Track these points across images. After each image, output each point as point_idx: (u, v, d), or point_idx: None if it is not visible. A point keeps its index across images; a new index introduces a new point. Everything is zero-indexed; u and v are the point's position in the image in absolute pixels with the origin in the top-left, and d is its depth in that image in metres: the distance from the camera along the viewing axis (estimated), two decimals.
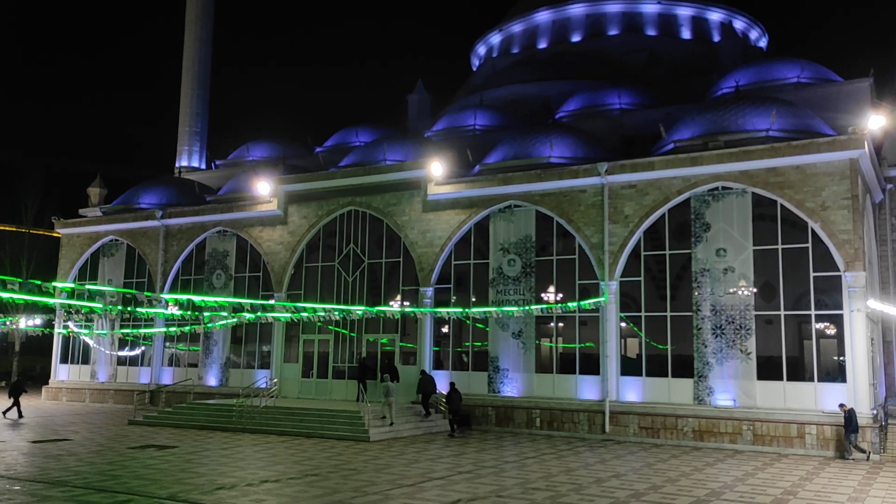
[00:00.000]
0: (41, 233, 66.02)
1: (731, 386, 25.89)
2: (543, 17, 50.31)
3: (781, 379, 25.28)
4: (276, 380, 34.28)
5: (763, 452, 24.32)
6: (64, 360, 42.65)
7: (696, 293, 26.86)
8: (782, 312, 25.68)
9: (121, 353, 40.37)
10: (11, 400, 32.41)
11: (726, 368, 26.02)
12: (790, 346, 25.53)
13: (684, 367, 26.84)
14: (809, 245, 25.51)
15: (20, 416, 31.94)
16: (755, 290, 26.15)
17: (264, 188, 36.12)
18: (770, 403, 25.19)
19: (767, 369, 25.62)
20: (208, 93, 55.09)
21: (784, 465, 21.70)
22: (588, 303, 27.80)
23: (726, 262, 26.52)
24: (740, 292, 26.23)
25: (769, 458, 23.03)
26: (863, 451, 22.90)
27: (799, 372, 25.37)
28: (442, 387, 30.35)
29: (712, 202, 27.05)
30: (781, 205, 25.90)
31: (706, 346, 26.40)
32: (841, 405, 23.40)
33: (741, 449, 24.82)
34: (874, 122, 26.96)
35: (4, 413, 32.07)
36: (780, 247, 25.97)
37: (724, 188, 26.94)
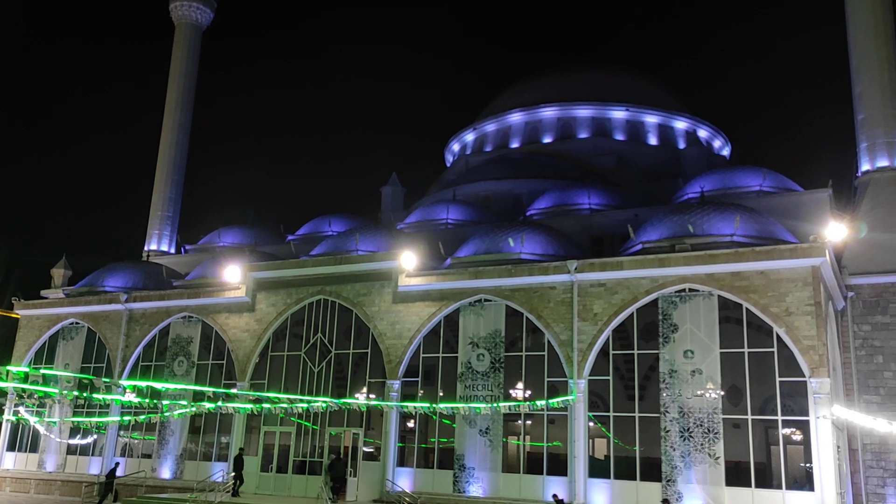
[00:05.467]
0: (0, 314, 64.26)
1: (699, 491, 25.47)
2: (516, 118, 51.98)
3: (750, 485, 24.97)
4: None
5: None
6: (11, 447, 40.71)
7: (664, 394, 26.78)
8: (749, 417, 25.63)
9: (71, 442, 38.67)
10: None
11: (695, 473, 25.67)
12: (758, 452, 25.37)
13: (652, 470, 26.43)
14: (775, 349, 25.77)
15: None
16: (722, 393, 26.16)
17: (233, 274, 35.81)
18: None
19: (736, 475, 25.32)
20: (183, 178, 55.32)
21: None
22: (556, 401, 27.52)
23: (693, 363, 26.61)
24: (708, 395, 26.20)
25: None
26: None
27: (767, 478, 25.11)
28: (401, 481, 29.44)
29: (679, 303, 27.38)
30: (747, 308, 26.30)
31: (674, 450, 26.11)
32: None
33: None
34: (834, 231, 27.81)
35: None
36: (746, 350, 26.19)
37: (690, 290, 27.33)
